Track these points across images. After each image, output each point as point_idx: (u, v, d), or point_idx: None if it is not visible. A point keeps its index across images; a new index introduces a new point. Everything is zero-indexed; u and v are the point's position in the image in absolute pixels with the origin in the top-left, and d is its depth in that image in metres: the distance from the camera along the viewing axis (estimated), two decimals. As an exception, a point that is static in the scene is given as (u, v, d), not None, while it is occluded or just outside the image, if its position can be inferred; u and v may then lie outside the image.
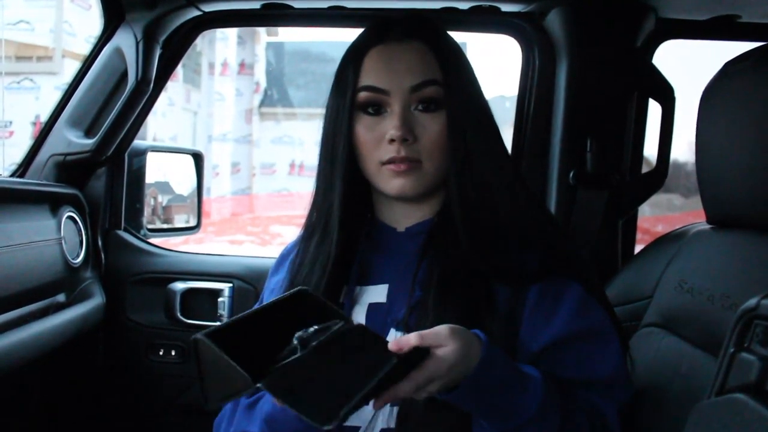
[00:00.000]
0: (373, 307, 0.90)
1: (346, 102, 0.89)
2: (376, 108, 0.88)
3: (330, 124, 0.92)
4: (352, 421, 0.86)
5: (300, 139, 15.67)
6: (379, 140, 0.88)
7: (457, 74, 0.89)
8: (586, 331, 0.85)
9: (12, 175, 1.55)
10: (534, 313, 0.84)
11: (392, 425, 0.84)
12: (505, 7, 1.41)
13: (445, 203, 0.91)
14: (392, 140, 0.86)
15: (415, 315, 0.86)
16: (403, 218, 0.93)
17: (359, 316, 0.90)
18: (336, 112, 0.91)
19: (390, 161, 0.87)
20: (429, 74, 0.87)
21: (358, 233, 0.94)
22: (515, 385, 0.76)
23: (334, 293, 0.90)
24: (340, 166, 0.90)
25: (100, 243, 1.59)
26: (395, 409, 0.84)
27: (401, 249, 0.92)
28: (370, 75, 0.88)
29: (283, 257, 1.04)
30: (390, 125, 0.86)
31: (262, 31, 16.38)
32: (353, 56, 0.91)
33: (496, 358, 0.75)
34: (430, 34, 0.90)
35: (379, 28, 0.92)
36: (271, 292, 1.00)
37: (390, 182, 0.88)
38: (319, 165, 0.94)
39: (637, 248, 1.40)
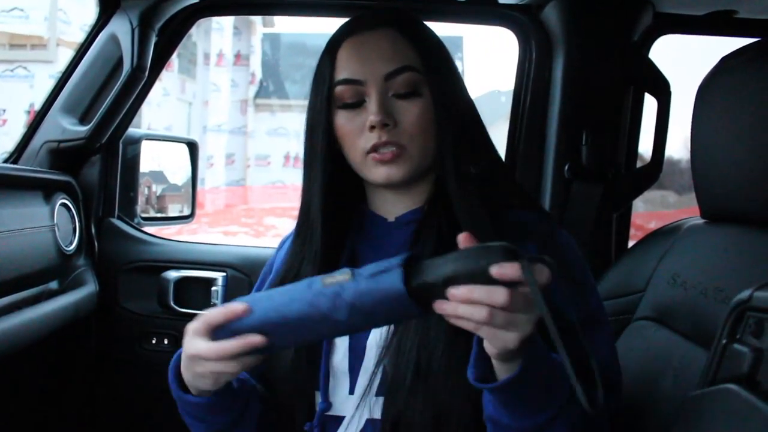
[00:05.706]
0: None
1: (324, 97, 0.89)
2: (355, 100, 0.88)
3: (310, 119, 0.92)
4: (337, 410, 0.86)
5: (295, 131, 15.63)
6: (360, 130, 0.87)
7: (435, 60, 0.88)
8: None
9: (5, 162, 1.54)
10: None
11: (377, 416, 0.83)
12: (503, -1, 1.41)
13: (435, 190, 0.91)
14: (372, 127, 0.86)
15: None
16: (393, 207, 0.93)
17: None
18: (315, 108, 0.91)
19: (373, 149, 0.86)
20: (404, 61, 0.86)
21: (346, 225, 0.93)
22: (555, 368, 0.69)
23: None
24: (320, 160, 0.90)
25: (93, 230, 1.58)
26: (380, 399, 0.83)
27: (392, 239, 0.91)
28: (345, 68, 0.88)
29: (281, 247, 1.03)
30: (369, 113, 0.86)
31: (258, 22, 16.33)
32: (328, 50, 0.91)
33: (538, 339, 0.69)
34: (401, 21, 0.90)
35: (351, 20, 0.92)
36: (266, 282, 1.00)
37: (376, 171, 0.87)
38: (303, 160, 0.94)
39: (630, 243, 1.41)
